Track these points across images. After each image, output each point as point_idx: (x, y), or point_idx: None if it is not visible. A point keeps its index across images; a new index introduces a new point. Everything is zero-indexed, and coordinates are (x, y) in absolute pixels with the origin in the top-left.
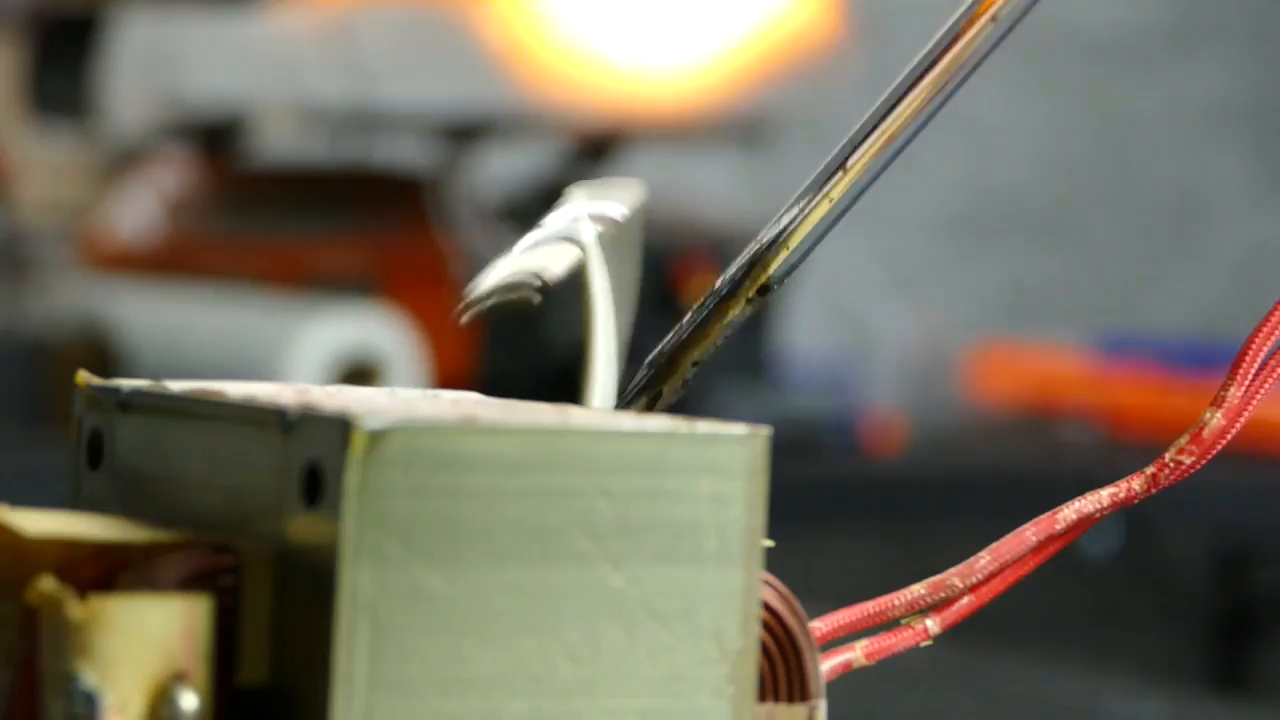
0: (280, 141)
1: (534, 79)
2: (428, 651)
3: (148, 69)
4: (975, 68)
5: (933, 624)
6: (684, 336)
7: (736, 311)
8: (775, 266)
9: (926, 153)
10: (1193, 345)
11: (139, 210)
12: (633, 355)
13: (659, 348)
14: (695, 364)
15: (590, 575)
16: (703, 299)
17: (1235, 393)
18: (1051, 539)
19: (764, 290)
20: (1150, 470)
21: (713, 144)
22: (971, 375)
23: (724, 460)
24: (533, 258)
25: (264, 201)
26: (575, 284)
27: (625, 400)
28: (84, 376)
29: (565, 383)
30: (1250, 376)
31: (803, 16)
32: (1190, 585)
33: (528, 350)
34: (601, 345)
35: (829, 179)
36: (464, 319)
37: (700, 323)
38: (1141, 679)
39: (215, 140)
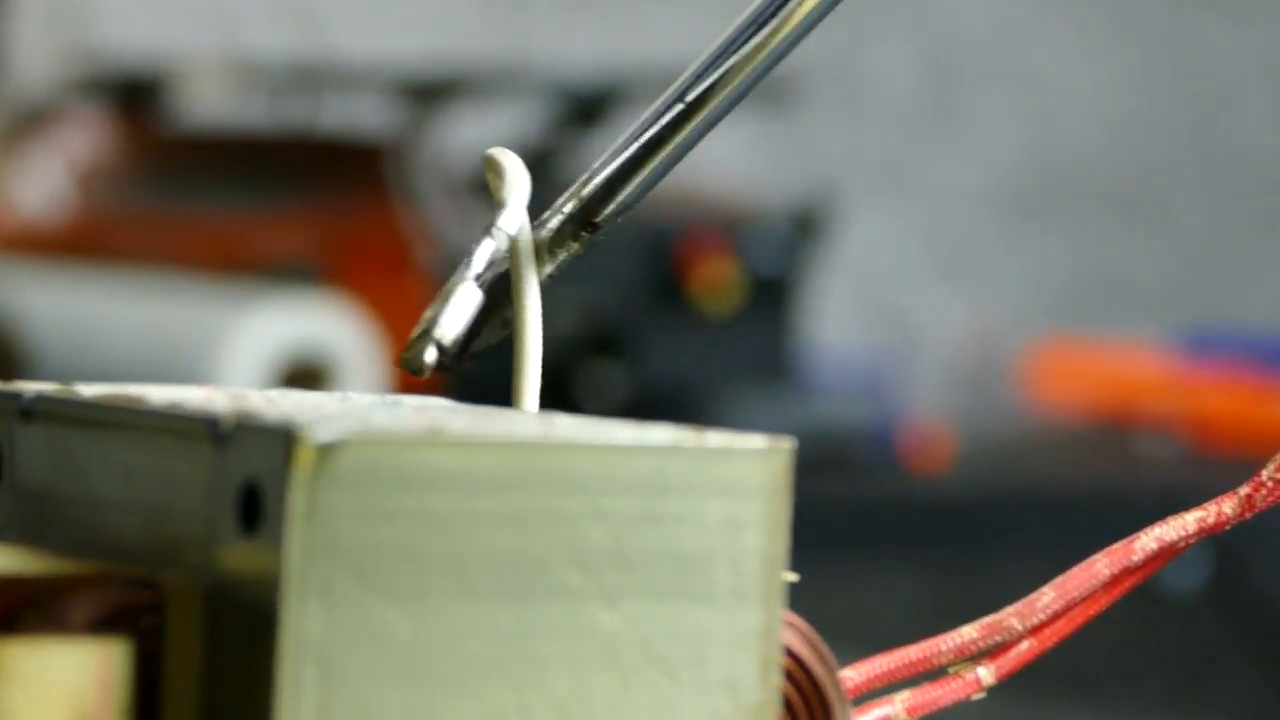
0: (212, 101)
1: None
2: (387, 704)
3: (56, 16)
4: None
5: (986, 673)
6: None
7: (562, 252)
8: (608, 210)
9: (980, 114)
10: None
11: (45, 182)
12: (633, 354)
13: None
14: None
15: (579, 615)
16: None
17: None
18: (1127, 572)
19: (592, 229)
20: (1244, 491)
21: None
22: (1032, 378)
23: (739, 478)
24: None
25: (193, 172)
26: (569, 279)
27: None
28: None
29: (549, 387)
30: None
31: None
32: None
33: (504, 349)
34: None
35: (667, 110)
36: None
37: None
38: None
39: (135, 99)
